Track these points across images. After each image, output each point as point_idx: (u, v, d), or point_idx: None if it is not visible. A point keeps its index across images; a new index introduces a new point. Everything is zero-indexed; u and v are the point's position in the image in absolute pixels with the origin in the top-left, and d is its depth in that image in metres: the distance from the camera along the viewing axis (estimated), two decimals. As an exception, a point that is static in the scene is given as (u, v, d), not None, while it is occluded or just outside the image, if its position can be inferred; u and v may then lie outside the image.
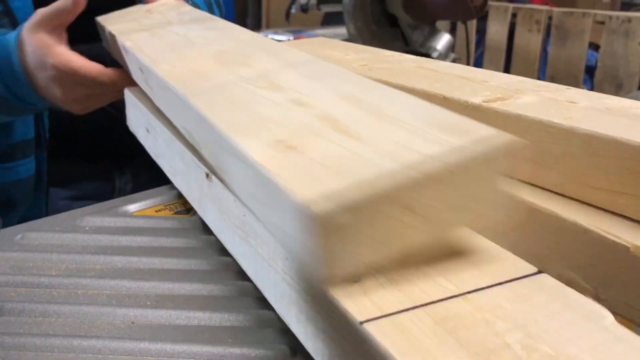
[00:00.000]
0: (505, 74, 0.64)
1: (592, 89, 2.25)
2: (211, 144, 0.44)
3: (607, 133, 0.44)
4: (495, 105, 0.52)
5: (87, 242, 0.60)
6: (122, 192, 0.95)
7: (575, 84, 2.22)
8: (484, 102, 0.53)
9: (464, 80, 0.61)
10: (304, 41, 0.89)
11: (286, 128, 0.38)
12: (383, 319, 0.29)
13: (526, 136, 0.50)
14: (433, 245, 0.35)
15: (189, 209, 0.68)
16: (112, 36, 0.68)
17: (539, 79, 2.31)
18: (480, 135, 0.33)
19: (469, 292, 0.31)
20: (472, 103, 0.54)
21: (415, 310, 0.29)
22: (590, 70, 2.30)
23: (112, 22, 0.73)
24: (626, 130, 0.44)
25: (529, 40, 2.39)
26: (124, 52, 0.65)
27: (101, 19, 0.75)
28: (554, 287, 0.32)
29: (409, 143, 0.34)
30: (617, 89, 2.12)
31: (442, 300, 0.30)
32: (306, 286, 0.35)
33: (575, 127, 0.46)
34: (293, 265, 0.36)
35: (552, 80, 2.30)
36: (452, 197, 0.32)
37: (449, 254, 0.35)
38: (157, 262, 0.56)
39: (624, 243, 0.42)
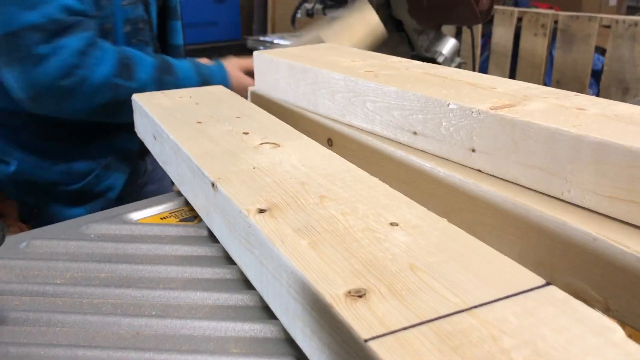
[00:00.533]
0: (513, 80, 0.64)
1: (598, 93, 2.24)
2: None
3: (616, 141, 0.44)
4: (503, 112, 0.52)
5: (92, 250, 0.60)
6: (147, 173, 1.16)
7: (582, 88, 2.21)
8: (491, 109, 0.53)
9: (472, 87, 0.61)
10: (310, 47, 0.89)
11: None
12: (388, 336, 0.28)
13: (534, 143, 0.49)
14: None
15: (195, 216, 0.68)
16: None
17: (544, 83, 2.30)
18: None
19: (475, 307, 0.30)
20: (479, 110, 0.54)
21: (421, 326, 0.29)
22: (596, 74, 2.29)
23: None
24: (635, 137, 0.44)
25: (535, 44, 2.38)
26: None
27: None
28: (562, 300, 0.31)
29: None
30: (624, 93, 2.11)
31: (447, 315, 0.30)
32: (311, 300, 0.34)
33: (584, 134, 0.45)
34: (297, 279, 0.36)
35: (558, 84, 2.29)
36: None
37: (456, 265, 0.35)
38: (162, 271, 0.56)
39: (633, 252, 0.41)
